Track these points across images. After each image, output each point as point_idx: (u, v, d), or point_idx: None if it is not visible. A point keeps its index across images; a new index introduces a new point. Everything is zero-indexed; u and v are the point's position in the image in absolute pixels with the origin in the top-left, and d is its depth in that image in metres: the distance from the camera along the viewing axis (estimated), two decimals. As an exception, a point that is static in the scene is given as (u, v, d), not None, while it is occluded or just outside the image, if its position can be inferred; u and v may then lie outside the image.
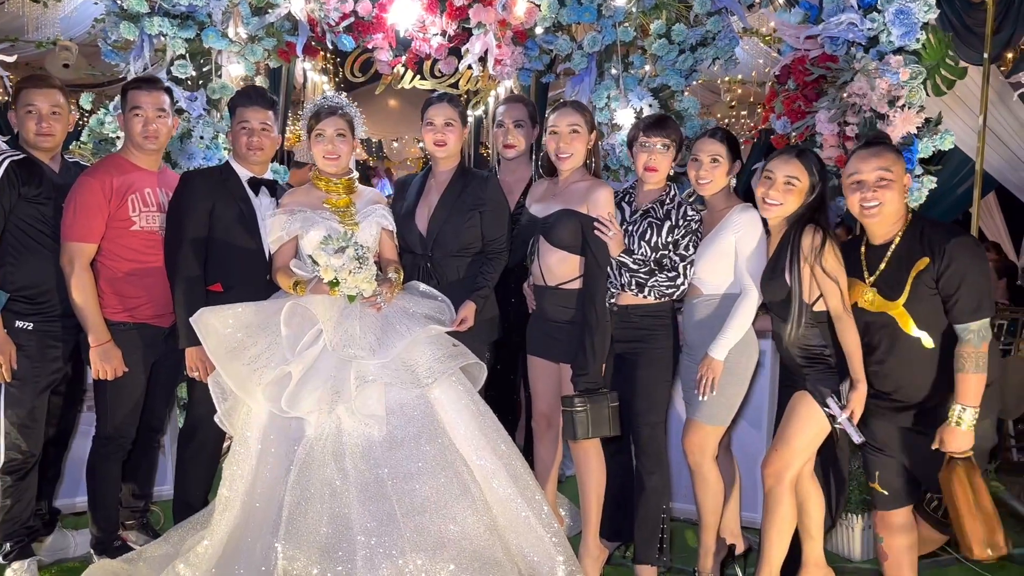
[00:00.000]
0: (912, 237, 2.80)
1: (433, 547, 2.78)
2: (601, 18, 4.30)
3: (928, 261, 2.72)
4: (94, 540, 3.33)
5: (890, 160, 2.80)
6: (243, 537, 2.89)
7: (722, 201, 3.17)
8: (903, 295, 2.77)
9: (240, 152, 3.33)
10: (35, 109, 3.16)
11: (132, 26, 4.07)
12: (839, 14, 3.51)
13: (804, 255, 2.88)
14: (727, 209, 3.13)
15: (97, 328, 3.12)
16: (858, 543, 3.56)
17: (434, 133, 3.37)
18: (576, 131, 3.20)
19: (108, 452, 3.27)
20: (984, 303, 2.68)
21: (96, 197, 3.10)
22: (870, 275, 2.87)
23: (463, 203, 3.35)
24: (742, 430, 3.62)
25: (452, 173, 3.43)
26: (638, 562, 3.23)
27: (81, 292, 3.09)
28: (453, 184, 3.40)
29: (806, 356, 2.97)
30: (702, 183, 3.14)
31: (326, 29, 4.33)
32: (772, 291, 2.99)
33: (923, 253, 2.74)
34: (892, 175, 2.78)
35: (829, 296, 2.87)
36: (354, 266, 2.93)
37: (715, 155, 3.11)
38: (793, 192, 2.94)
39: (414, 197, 3.47)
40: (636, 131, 3.24)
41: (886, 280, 2.83)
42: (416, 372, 2.98)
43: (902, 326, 2.80)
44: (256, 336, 3.01)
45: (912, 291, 2.75)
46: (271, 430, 2.96)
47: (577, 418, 3.05)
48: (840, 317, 2.86)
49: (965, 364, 2.68)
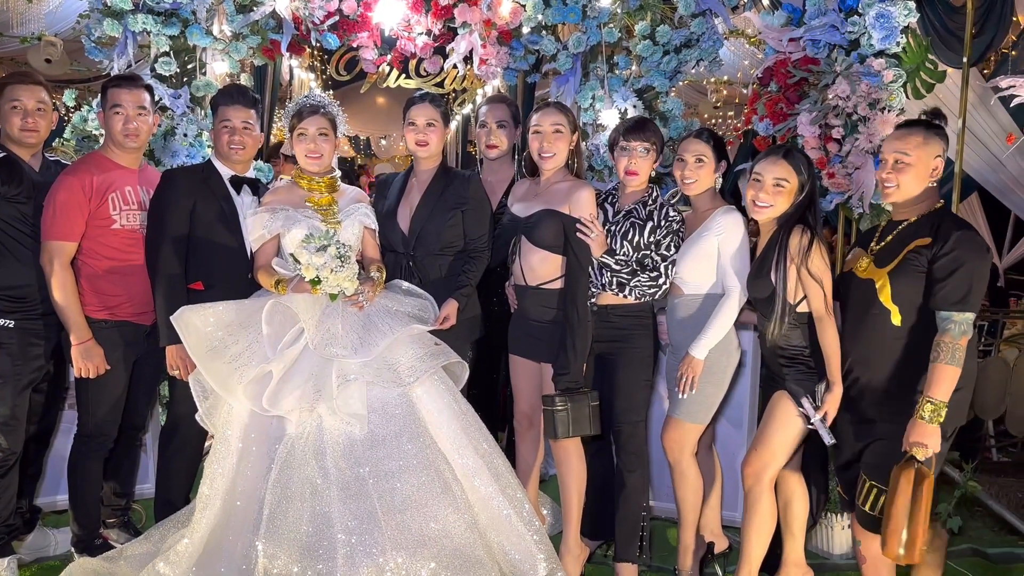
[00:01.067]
0: (927, 222, 2.77)
1: (414, 545, 2.79)
2: (586, 19, 4.31)
3: (929, 241, 2.71)
4: (75, 538, 3.32)
5: (913, 143, 2.77)
6: (224, 535, 2.89)
7: (707, 202, 3.19)
8: (892, 264, 2.77)
9: (222, 151, 3.33)
10: (20, 105, 3.14)
11: (116, 23, 4.05)
12: (821, 17, 3.54)
13: (791, 255, 2.90)
14: (711, 210, 3.15)
15: (78, 326, 3.11)
16: (837, 541, 3.58)
17: (416, 133, 3.38)
18: (559, 131, 3.21)
19: (89, 450, 3.26)
20: (971, 298, 2.64)
21: (76, 195, 3.09)
22: (876, 245, 2.88)
23: (445, 202, 3.36)
24: (723, 429, 3.65)
25: (434, 172, 3.44)
26: (619, 560, 3.25)
27: (62, 291, 3.08)
28: (435, 183, 3.41)
29: (786, 356, 2.99)
30: (687, 183, 3.16)
31: (311, 27, 4.33)
32: (757, 289, 3.01)
33: (928, 235, 2.73)
34: (910, 158, 2.75)
35: (813, 298, 2.88)
36: (336, 264, 2.93)
37: (700, 155, 3.13)
38: (782, 193, 2.95)
39: (396, 196, 3.48)
40: (616, 135, 3.26)
41: (885, 250, 2.83)
42: (398, 371, 2.99)
43: (879, 294, 2.78)
44: (237, 334, 3.00)
45: (901, 263, 2.75)
46: (252, 428, 2.96)
47: (558, 417, 3.07)
48: (822, 319, 2.87)
49: (941, 353, 2.64)
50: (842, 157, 3.53)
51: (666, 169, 4.32)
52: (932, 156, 2.78)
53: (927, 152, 2.77)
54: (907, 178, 2.77)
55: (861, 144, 3.46)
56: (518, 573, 2.98)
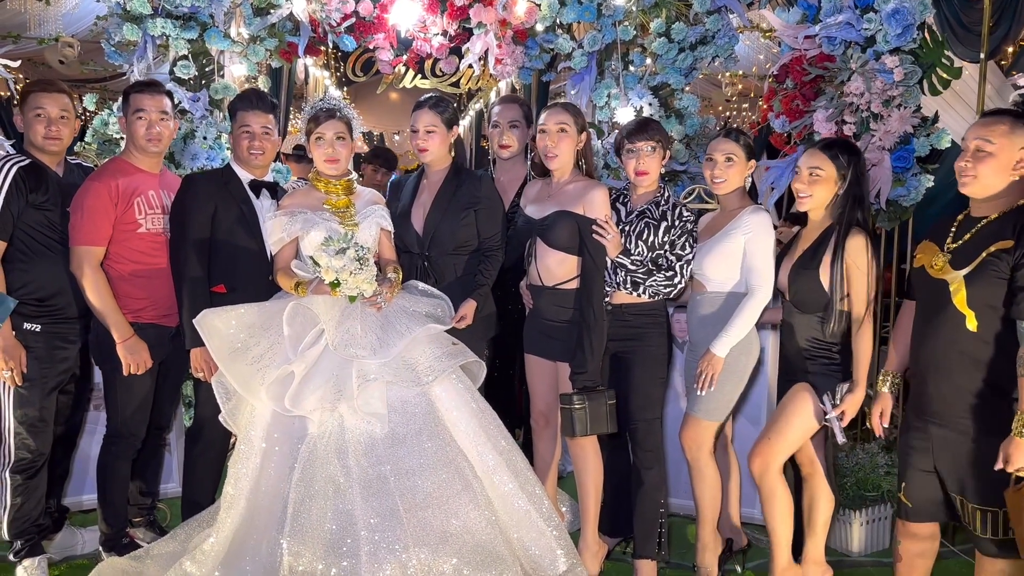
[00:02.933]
0: (1009, 220, 2.52)
1: (436, 542, 2.83)
2: (601, 17, 4.32)
3: (1012, 244, 2.47)
4: (103, 537, 3.37)
5: (999, 132, 2.52)
6: (249, 534, 2.94)
7: (735, 201, 3.20)
8: (969, 267, 2.54)
9: (241, 155, 3.36)
10: (44, 113, 3.18)
11: (135, 27, 4.10)
12: (836, 14, 3.54)
13: (849, 256, 2.91)
14: (739, 209, 3.16)
15: (119, 324, 3.15)
16: (856, 538, 3.60)
17: (416, 139, 3.43)
18: (564, 130, 3.22)
19: (119, 451, 3.31)
20: None
21: (103, 201, 3.13)
22: (953, 243, 2.63)
23: (458, 202, 3.39)
24: (741, 427, 3.66)
25: (445, 173, 3.47)
26: (637, 557, 3.28)
27: (97, 293, 3.12)
28: (447, 183, 3.44)
29: (814, 348, 3.01)
30: (717, 182, 3.17)
31: (327, 30, 4.36)
32: (800, 283, 3.02)
33: (1011, 237, 2.49)
34: (992, 147, 2.52)
35: (857, 300, 2.91)
36: (355, 267, 2.97)
37: (730, 154, 3.14)
38: (819, 183, 2.98)
39: (409, 197, 3.51)
40: (620, 138, 3.27)
41: (963, 251, 2.59)
42: (417, 370, 3.02)
43: (953, 297, 2.55)
44: (259, 336, 3.04)
45: (980, 267, 2.51)
46: (275, 428, 3.00)
47: (576, 416, 3.09)
48: (861, 320, 2.89)
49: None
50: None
51: (682, 166, 4.34)
52: (1017, 147, 2.53)
53: (1012, 142, 2.53)
54: (988, 169, 2.54)
55: (878, 141, 3.45)
56: (539, 568, 3.01)
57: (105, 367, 3.29)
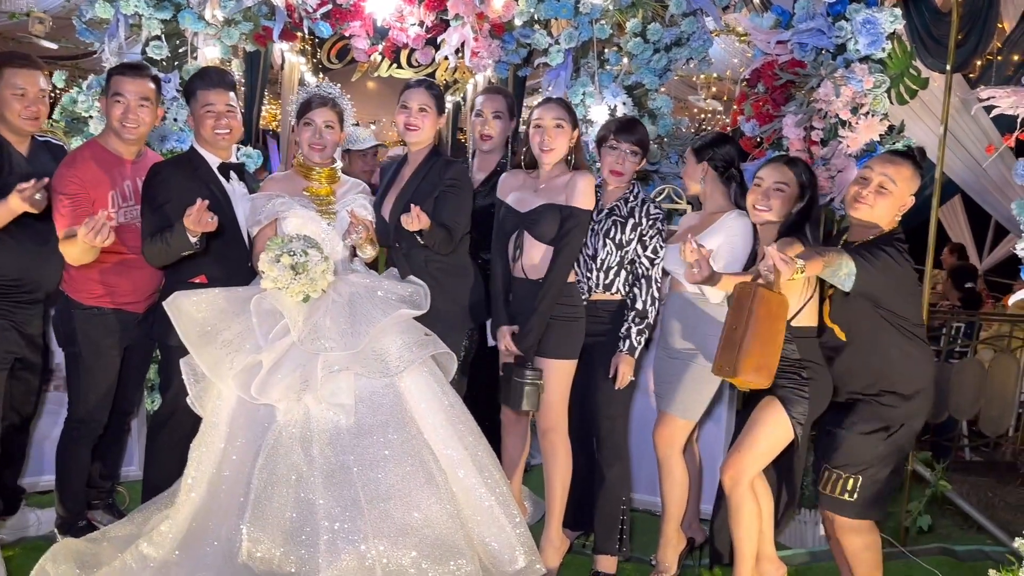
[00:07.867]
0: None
1: (396, 534, 2.83)
2: (578, 14, 4.33)
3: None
4: (59, 520, 3.34)
5: (903, 175, 2.83)
6: (208, 518, 2.93)
7: (719, 202, 3.25)
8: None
9: (207, 136, 3.25)
10: (22, 91, 3.06)
11: (108, 5, 4.04)
12: (808, 21, 3.58)
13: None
14: (719, 213, 3.21)
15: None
16: (810, 534, 3.67)
17: (407, 116, 3.31)
18: (560, 126, 3.22)
19: (80, 435, 3.28)
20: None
21: (84, 189, 3.08)
22: None
23: (423, 190, 3.30)
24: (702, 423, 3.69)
25: (422, 158, 3.38)
26: (598, 552, 3.31)
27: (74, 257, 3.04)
28: (419, 170, 3.36)
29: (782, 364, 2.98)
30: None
31: (304, 15, 4.33)
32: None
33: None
34: (893, 188, 2.82)
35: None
36: (288, 277, 2.90)
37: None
38: (780, 197, 2.99)
39: (385, 185, 3.46)
40: (607, 132, 3.29)
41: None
42: (386, 361, 3.01)
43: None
44: (229, 320, 3.02)
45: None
46: (240, 414, 2.99)
47: (502, 383, 3.17)
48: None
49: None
50: (826, 160, 3.58)
51: (653, 166, 4.37)
52: (908, 193, 2.85)
53: (909, 187, 2.85)
54: (885, 203, 2.83)
55: (845, 148, 3.51)
56: (497, 564, 3.02)
57: (69, 351, 3.25)
